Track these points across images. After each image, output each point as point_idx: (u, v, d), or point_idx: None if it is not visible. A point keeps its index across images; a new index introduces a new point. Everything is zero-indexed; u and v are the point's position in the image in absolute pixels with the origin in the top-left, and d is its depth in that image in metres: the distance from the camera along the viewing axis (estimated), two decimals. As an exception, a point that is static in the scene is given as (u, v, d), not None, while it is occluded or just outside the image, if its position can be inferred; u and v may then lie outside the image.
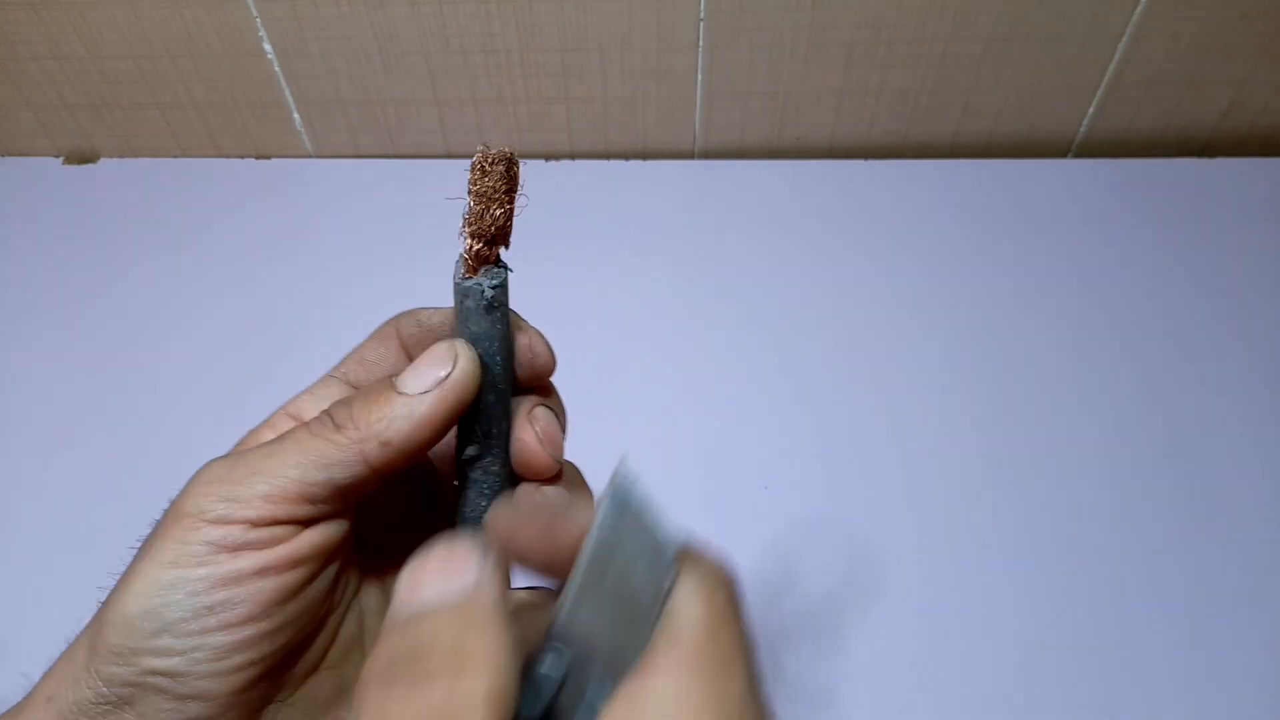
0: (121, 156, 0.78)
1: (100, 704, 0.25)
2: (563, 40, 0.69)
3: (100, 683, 0.25)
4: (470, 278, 0.28)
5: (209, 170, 0.77)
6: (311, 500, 0.26)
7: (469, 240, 0.27)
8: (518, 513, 0.25)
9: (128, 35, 0.69)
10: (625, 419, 0.58)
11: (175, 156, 0.78)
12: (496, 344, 0.27)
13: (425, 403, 0.26)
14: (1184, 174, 0.74)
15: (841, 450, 0.59)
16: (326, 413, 0.27)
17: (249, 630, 0.25)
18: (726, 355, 0.64)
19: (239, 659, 0.25)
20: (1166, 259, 0.69)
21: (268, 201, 0.74)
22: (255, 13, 0.68)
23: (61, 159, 0.78)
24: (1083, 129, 0.76)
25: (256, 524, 0.25)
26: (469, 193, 0.28)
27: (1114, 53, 0.71)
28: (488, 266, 0.28)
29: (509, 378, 0.28)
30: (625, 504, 0.21)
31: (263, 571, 0.25)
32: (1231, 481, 0.58)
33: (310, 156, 0.78)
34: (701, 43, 0.70)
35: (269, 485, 0.26)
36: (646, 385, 0.61)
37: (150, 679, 0.25)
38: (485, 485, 0.28)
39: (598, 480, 0.28)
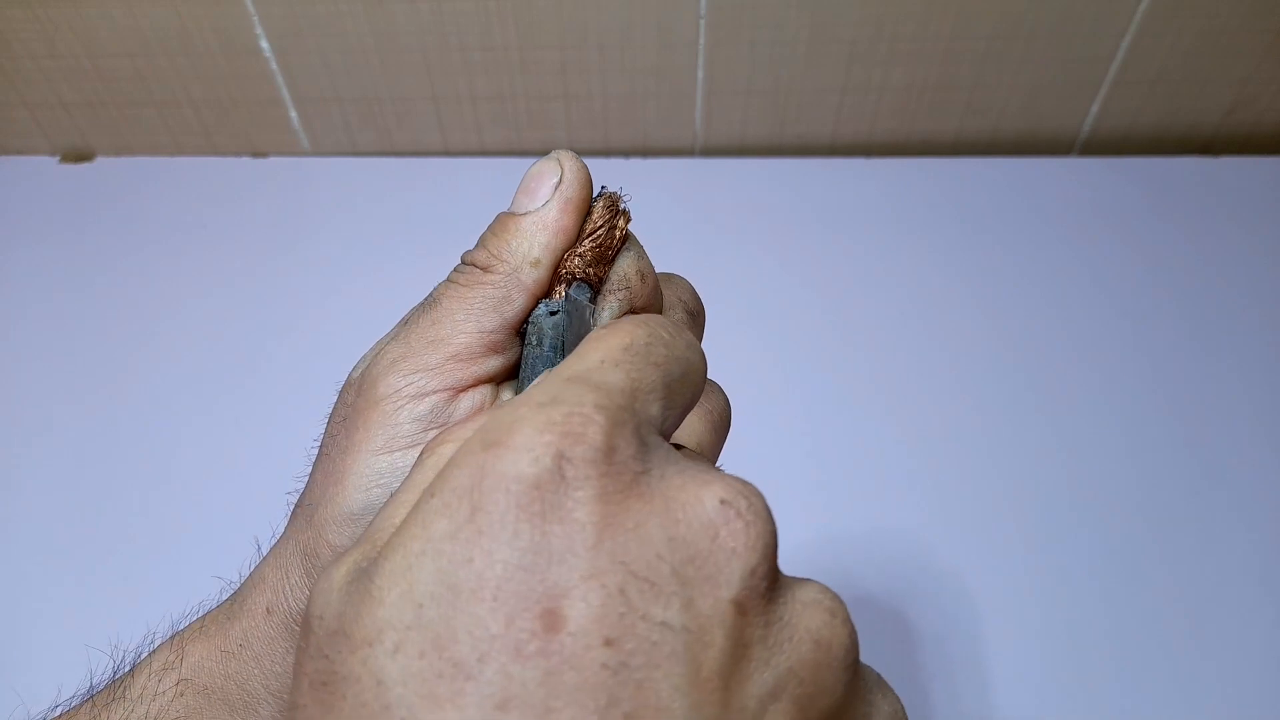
0: (118, 155, 0.77)
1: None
2: (562, 37, 0.69)
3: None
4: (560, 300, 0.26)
5: (206, 168, 0.76)
6: (494, 348, 0.26)
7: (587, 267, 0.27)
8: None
9: (124, 33, 0.69)
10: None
11: (172, 155, 0.77)
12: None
13: (553, 210, 0.26)
14: (1188, 172, 0.74)
15: (842, 449, 0.58)
16: (465, 261, 0.27)
17: None
18: (726, 354, 0.63)
19: None
20: (1170, 257, 0.69)
21: (265, 200, 0.74)
22: (252, 10, 0.67)
23: (58, 157, 0.77)
24: (1086, 127, 0.76)
25: (458, 389, 0.25)
26: (590, 234, 0.27)
27: (1118, 50, 0.70)
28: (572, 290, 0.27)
29: None
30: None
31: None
32: (1236, 478, 0.57)
33: (307, 154, 0.77)
34: (702, 39, 0.69)
35: (453, 347, 0.25)
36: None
37: None
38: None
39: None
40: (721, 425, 0.29)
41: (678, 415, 0.22)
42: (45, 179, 0.76)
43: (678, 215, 0.71)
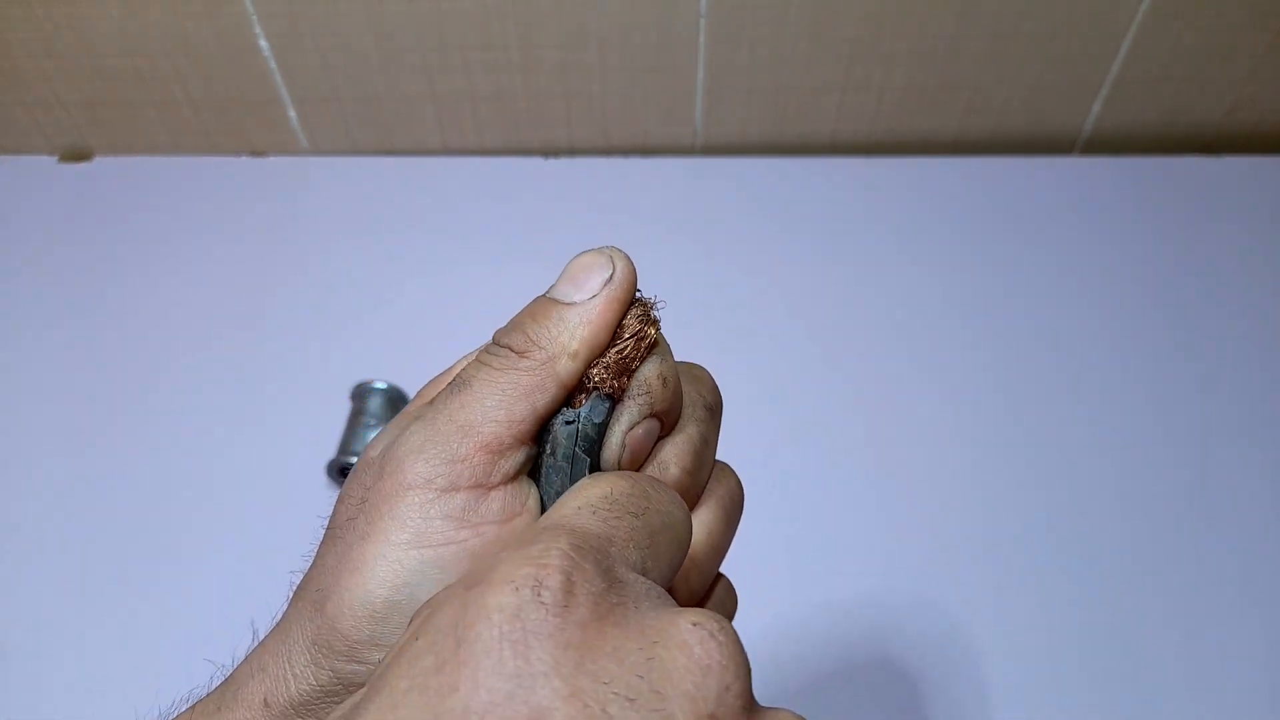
0: (117, 154, 0.77)
1: (325, 698, 0.24)
2: (562, 36, 0.69)
3: (333, 678, 0.24)
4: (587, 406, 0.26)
5: (205, 168, 0.76)
6: (522, 440, 0.25)
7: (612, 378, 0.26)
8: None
9: (123, 32, 0.69)
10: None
11: (171, 154, 0.77)
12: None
13: (597, 306, 0.25)
14: (1189, 171, 0.74)
15: (842, 448, 0.58)
16: (498, 344, 0.26)
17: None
18: (727, 353, 0.63)
19: None
20: (1171, 256, 0.68)
21: (264, 199, 0.74)
22: (251, 9, 0.67)
23: (57, 157, 0.77)
24: (1088, 126, 0.76)
25: (489, 487, 0.24)
26: (622, 342, 0.26)
27: (1119, 49, 0.70)
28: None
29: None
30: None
31: (502, 521, 0.24)
32: (1236, 477, 0.57)
33: (306, 154, 0.77)
34: (702, 38, 0.69)
35: (483, 437, 0.24)
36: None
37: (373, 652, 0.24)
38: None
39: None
40: (734, 509, 0.29)
41: (665, 564, 0.23)
42: (44, 178, 0.75)
43: (678, 214, 0.70)
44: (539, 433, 0.25)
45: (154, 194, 0.74)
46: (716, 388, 0.29)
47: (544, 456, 0.25)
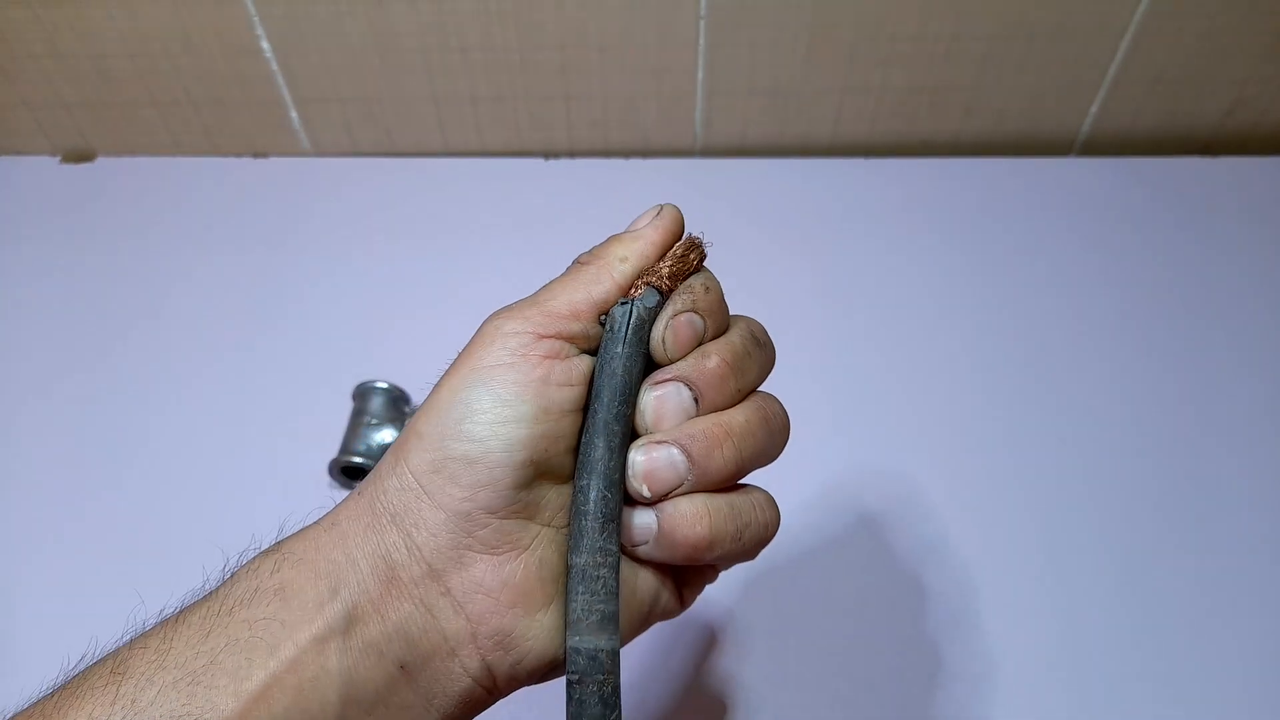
0: (119, 155, 0.78)
1: (400, 497, 0.30)
2: (562, 38, 0.69)
3: (406, 472, 0.30)
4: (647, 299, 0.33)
5: (206, 169, 0.76)
6: (576, 315, 0.31)
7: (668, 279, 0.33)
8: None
9: (125, 33, 0.69)
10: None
11: (172, 155, 0.77)
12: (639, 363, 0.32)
13: (645, 229, 0.34)
14: (1187, 172, 0.74)
15: (841, 450, 0.59)
16: (574, 261, 0.33)
17: (532, 429, 0.30)
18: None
19: (521, 455, 0.29)
20: (1170, 258, 0.69)
21: (265, 200, 0.74)
22: (253, 10, 0.67)
23: (58, 157, 0.77)
24: (1086, 127, 0.76)
25: (543, 335, 0.31)
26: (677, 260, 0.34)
27: (1117, 51, 0.70)
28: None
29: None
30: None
31: (545, 380, 0.30)
32: (1234, 478, 0.57)
33: (308, 155, 0.78)
34: (702, 40, 0.69)
35: (546, 306, 0.31)
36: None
37: (448, 463, 0.29)
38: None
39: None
40: (773, 418, 0.34)
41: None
42: (46, 179, 0.76)
43: (678, 215, 0.71)
44: (601, 318, 0.32)
45: (156, 195, 0.74)
46: (766, 332, 0.35)
47: (605, 334, 0.32)
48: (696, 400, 0.32)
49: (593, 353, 0.32)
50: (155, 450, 0.59)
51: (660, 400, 0.31)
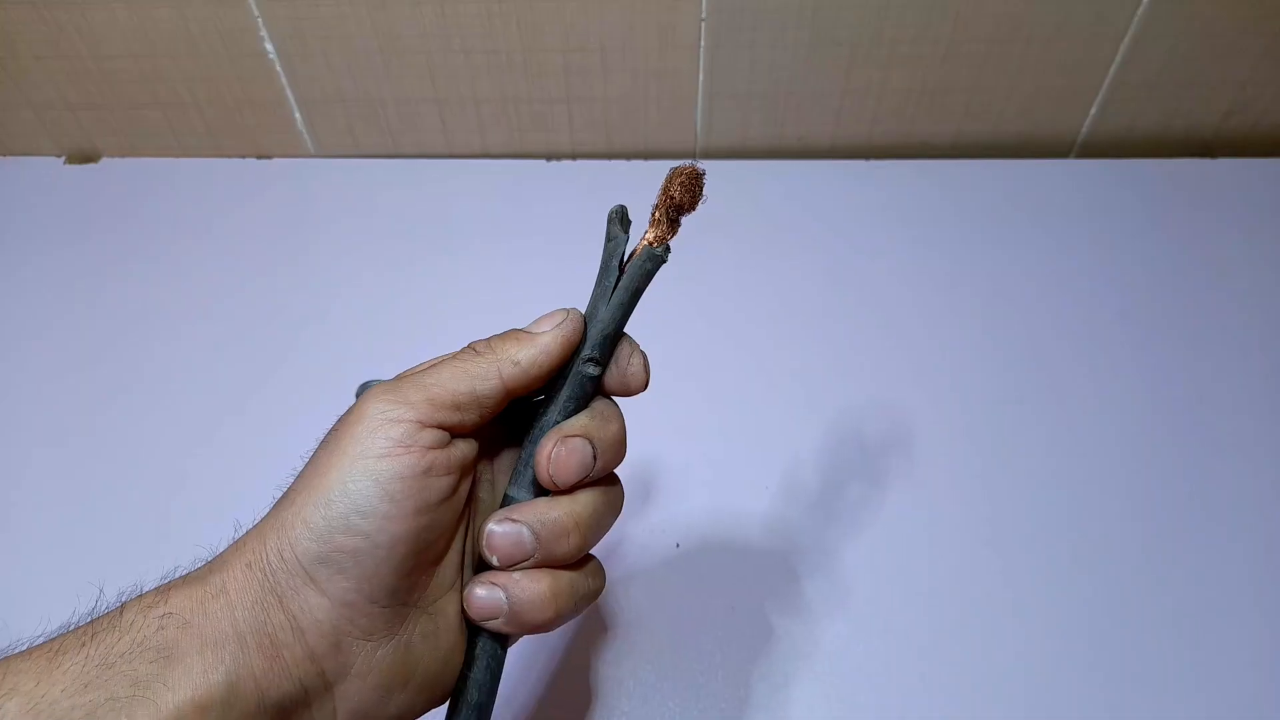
0: (123, 156, 0.78)
1: (288, 581, 0.30)
2: (564, 40, 0.69)
3: (293, 558, 0.30)
4: (658, 246, 0.37)
5: (210, 170, 0.77)
6: (459, 407, 0.32)
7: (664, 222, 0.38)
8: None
9: (129, 35, 0.69)
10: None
11: (177, 156, 0.78)
12: (636, 293, 0.36)
13: (545, 336, 0.34)
14: (1186, 174, 0.74)
15: (842, 450, 0.59)
16: (468, 347, 0.34)
17: (416, 522, 0.31)
18: (725, 355, 0.64)
19: (404, 549, 0.31)
20: (1169, 259, 0.69)
21: (269, 201, 0.74)
22: (257, 12, 0.68)
23: (63, 159, 0.78)
24: (1085, 129, 0.76)
25: (424, 424, 0.31)
26: (676, 190, 0.38)
27: (1116, 53, 0.71)
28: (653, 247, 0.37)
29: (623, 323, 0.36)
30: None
31: (428, 471, 0.31)
32: (1235, 477, 0.57)
33: (312, 156, 0.78)
34: (703, 43, 0.70)
35: (430, 393, 0.32)
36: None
37: (335, 555, 0.30)
38: (576, 400, 0.35)
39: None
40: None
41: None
42: (50, 180, 0.76)
43: (679, 217, 0.71)
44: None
45: (160, 196, 0.75)
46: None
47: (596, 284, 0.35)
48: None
49: (472, 437, 0.34)
50: (157, 450, 0.60)
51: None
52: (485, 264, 0.69)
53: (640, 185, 0.70)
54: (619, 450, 0.35)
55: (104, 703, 0.27)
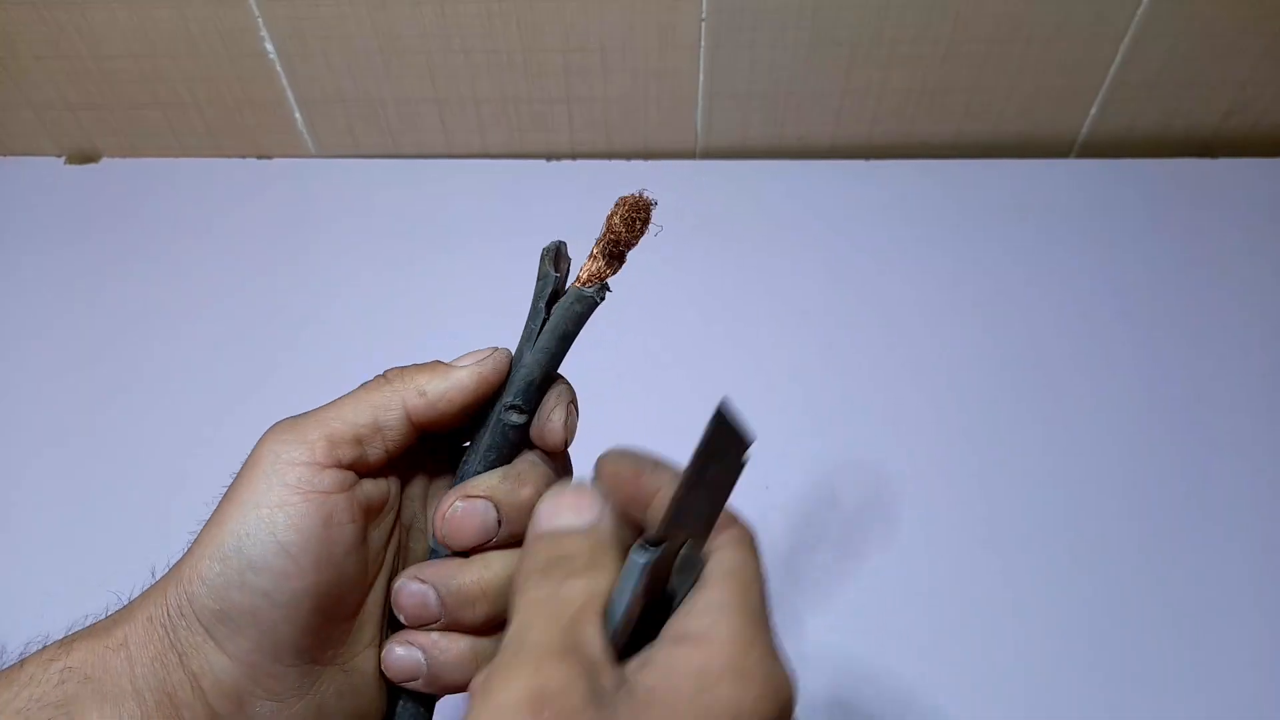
0: (123, 156, 0.78)
1: (188, 636, 0.28)
2: (564, 40, 0.69)
3: (192, 614, 0.28)
4: (590, 286, 0.33)
5: (211, 170, 0.77)
6: (361, 441, 0.30)
7: (601, 258, 0.33)
8: (621, 463, 0.31)
9: (129, 35, 0.69)
10: (622, 418, 0.58)
11: (177, 156, 0.78)
12: (565, 337, 0.32)
13: (461, 371, 0.31)
14: (1186, 174, 0.74)
15: (842, 451, 0.59)
16: (382, 374, 0.32)
17: (318, 578, 0.29)
18: (726, 355, 0.64)
19: (307, 605, 0.29)
20: (1169, 259, 0.69)
21: (269, 201, 0.74)
22: (257, 12, 0.68)
23: (63, 159, 0.78)
24: (1085, 129, 0.76)
25: (322, 465, 0.29)
26: (617, 221, 0.33)
27: (1116, 53, 0.71)
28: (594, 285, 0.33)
29: (554, 369, 0.33)
30: (726, 421, 0.28)
31: (327, 523, 0.29)
32: (1234, 477, 0.58)
33: (312, 156, 0.78)
34: (703, 43, 0.70)
35: (329, 428, 0.30)
36: (645, 385, 0.61)
37: (233, 613, 0.28)
38: (499, 449, 0.33)
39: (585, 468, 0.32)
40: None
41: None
42: (51, 180, 0.76)
43: (678, 217, 0.71)
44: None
45: (160, 196, 0.75)
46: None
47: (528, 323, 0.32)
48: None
49: (376, 474, 0.31)
50: (158, 449, 0.60)
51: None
52: (485, 264, 0.69)
53: (640, 186, 0.70)
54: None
55: None
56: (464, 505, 0.31)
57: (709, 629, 0.26)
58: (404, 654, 0.31)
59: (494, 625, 0.32)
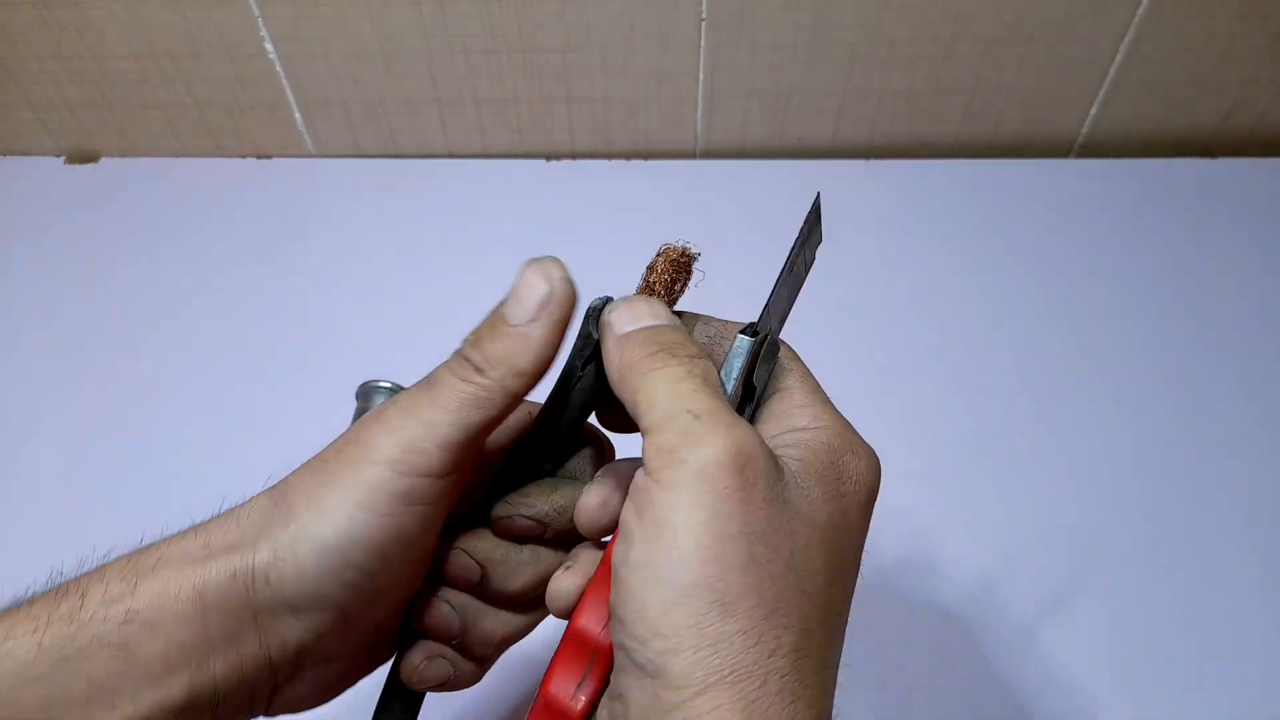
0: (123, 156, 0.78)
1: (274, 598, 0.29)
2: (565, 40, 0.69)
3: (287, 576, 0.28)
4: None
5: (210, 170, 0.77)
6: (474, 442, 0.30)
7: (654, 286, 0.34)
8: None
9: (130, 35, 0.69)
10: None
11: (177, 156, 0.78)
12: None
13: (539, 329, 0.30)
14: (1186, 174, 0.74)
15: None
16: (463, 356, 0.30)
17: (406, 571, 0.30)
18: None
19: (391, 596, 0.30)
20: (1169, 259, 0.69)
21: (269, 201, 0.74)
22: (257, 12, 0.68)
23: (63, 158, 0.78)
24: (1085, 129, 0.76)
25: (438, 476, 0.29)
26: (667, 262, 0.35)
27: (1116, 53, 0.71)
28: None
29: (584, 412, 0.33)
30: (816, 219, 0.31)
31: (427, 525, 0.30)
32: (1235, 477, 0.58)
33: (312, 156, 0.78)
34: (703, 43, 0.70)
35: (442, 435, 0.29)
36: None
37: (321, 600, 0.29)
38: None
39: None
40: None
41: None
42: (51, 180, 0.76)
43: (678, 217, 0.71)
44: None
45: (160, 195, 0.75)
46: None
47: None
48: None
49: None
50: (158, 449, 0.60)
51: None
52: (485, 263, 0.69)
53: (641, 185, 0.70)
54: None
55: (60, 700, 0.26)
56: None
57: (818, 418, 0.31)
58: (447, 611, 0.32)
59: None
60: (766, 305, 0.31)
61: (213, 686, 0.28)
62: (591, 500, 0.31)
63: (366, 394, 0.58)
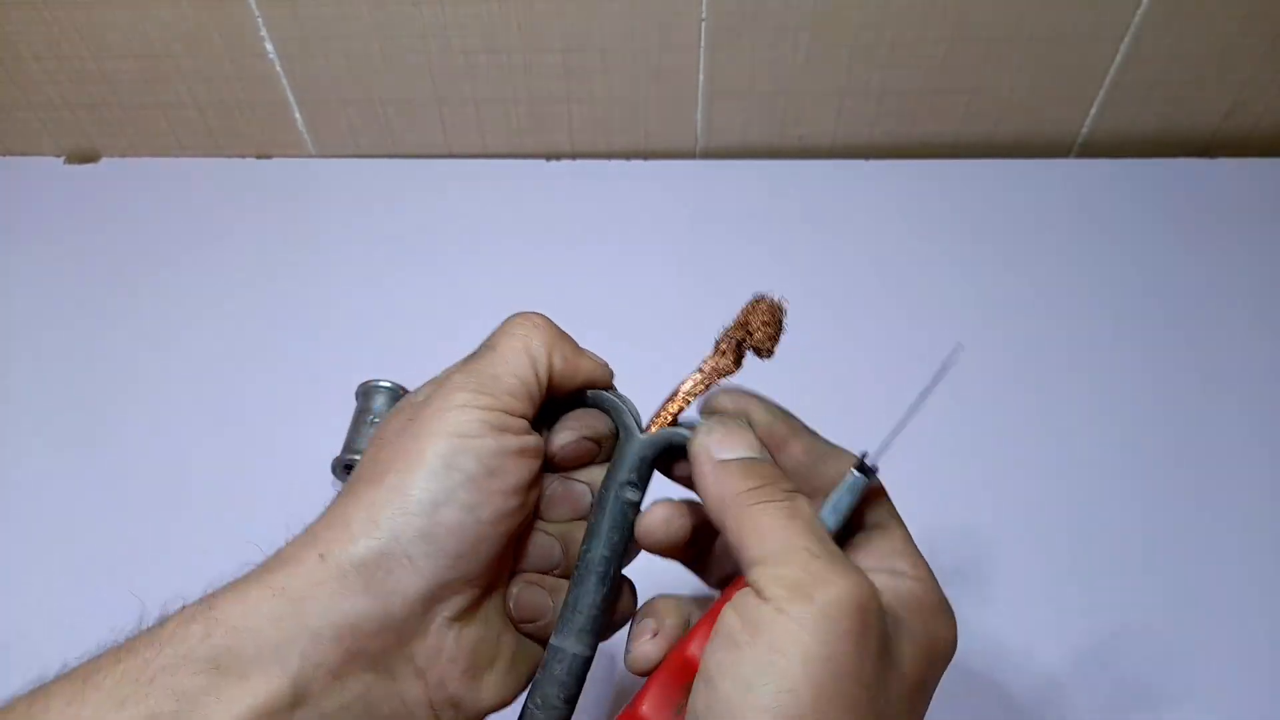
0: (123, 156, 0.78)
1: (379, 561, 0.29)
2: (565, 40, 0.69)
3: (388, 537, 0.29)
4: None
5: (210, 170, 0.77)
6: (531, 396, 0.32)
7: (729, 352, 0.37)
8: (763, 414, 0.36)
9: (129, 35, 0.69)
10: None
11: (177, 156, 0.78)
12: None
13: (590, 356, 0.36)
14: (1186, 174, 0.74)
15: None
16: (521, 315, 0.34)
17: (513, 500, 0.31)
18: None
19: (504, 526, 0.31)
20: (1169, 259, 0.69)
21: (269, 201, 0.74)
22: (257, 12, 0.68)
23: (63, 158, 0.78)
24: (1085, 129, 0.76)
25: (510, 412, 0.31)
26: (756, 323, 0.37)
27: (1116, 53, 0.71)
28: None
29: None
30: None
31: (521, 452, 0.31)
32: (1235, 477, 0.58)
33: (312, 156, 0.78)
34: (703, 43, 0.70)
35: (506, 384, 0.31)
36: (646, 386, 0.61)
37: (439, 531, 0.29)
38: (620, 530, 0.34)
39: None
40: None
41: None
42: (50, 180, 0.76)
43: (679, 217, 0.71)
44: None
45: (160, 196, 0.75)
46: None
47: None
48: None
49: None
50: (159, 449, 0.60)
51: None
52: (485, 263, 0.69)
53: (641, 186, 0.70)
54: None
55: (144, 719, 0.25)
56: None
57: (916, 565, 0.32)
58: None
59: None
60: (886, 443, 0.33)
61: (331, 677, 0.28)
62: (656, 516, 0.33)
63: (367, 394, 0.58)
